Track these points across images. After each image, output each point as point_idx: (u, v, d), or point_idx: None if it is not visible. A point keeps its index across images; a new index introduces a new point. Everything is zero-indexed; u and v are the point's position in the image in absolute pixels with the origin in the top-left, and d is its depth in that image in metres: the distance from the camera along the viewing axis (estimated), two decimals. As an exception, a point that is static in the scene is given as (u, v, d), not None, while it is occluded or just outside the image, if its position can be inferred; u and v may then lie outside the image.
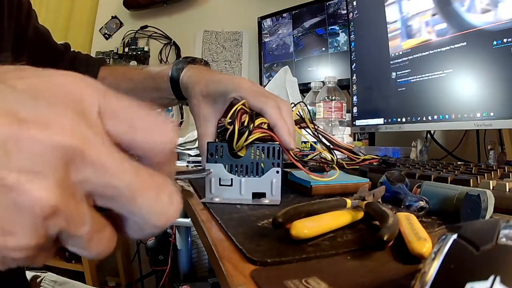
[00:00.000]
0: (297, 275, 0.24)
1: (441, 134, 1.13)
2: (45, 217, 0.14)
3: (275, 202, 0.46)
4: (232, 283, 0.25)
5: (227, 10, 1.98)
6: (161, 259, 1.49)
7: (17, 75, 0.16)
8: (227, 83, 0.52)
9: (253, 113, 0.48)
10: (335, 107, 1.08)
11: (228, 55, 1.98)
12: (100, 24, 1.98)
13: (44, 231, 0.15)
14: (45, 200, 0.14)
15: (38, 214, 0.14)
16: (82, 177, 0.15)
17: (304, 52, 1.63)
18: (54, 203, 0.14)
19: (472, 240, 0.18)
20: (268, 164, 0.47)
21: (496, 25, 0.70)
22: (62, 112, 0.15)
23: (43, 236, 0.15)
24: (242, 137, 0.45)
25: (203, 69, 0.60)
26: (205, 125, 0.53)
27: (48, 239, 0.15)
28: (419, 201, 0.40)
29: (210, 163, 0.47)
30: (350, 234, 0.33)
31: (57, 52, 0.68)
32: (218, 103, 0.53)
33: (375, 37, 1.02)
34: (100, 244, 0.17)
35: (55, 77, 0.16)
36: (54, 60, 0.67)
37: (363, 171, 0.60)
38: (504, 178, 0.49)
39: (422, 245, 0.27)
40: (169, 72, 0.60)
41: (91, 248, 0.16)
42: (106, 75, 0.69)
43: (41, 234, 0.15)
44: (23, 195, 0.14)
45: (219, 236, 0.34)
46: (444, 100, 0.82)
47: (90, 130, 0.15)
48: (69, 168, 0.15)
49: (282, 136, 0.46)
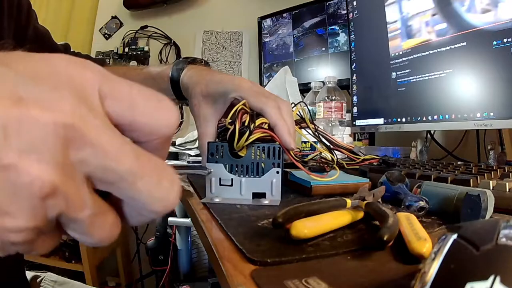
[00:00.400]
0: (297, 275, 0.24)
1: (441, 134, 1.13)
2: (44, 197, 0.14)
3: (275, 203, 0.46)
4: (232, 283, 0.25)
5: (227, 10, 1.98)
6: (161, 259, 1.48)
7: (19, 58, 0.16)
8: (227, 83, 0.52)
9: (254, 113, 0.48)
10: (335, 107, 1.08)
11: (228, 55, 1.98)
12: (100, 24, 1.97)
13: (43, 212, 0.14)
14: (44, 179, 0.14)
15: (37, 193, 0.14)
16: (82, 157, 0.15)
17: (304, 52, 1.63)
18: (53, 182, 0.14)
19: (472, 240, 0.18)
20: (268, 164, 0.47)
21: (496, 25, 0.70)
22: (63, 94, 0.15)
23: (42, 217, 0.15)
24: (243, 137, 0.45)
25: (203, 69, 0.60)
26: (205, 125, 0.53)
27: (48, 221, 0.15)
28: (419, 201, 0.40)
29: (210, 163, 0.47)
30: (350, 234, 0.33)
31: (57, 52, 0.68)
32: (219, 103, 0.53)
33: (375, 37, 1.02)
34: (102, 229, 0.16)
35: (56, 60, 0.16)
36: None
37: (363, 171, 0.60)
38: (504, 178, 0.49)
39: (422, 245, 0.27)
40: (169, 72, 0.60)
41: (93, 233, 0.16)
42: None
43: (40, 215, 0.14)
44: (21, 174, 0.14)
45: (219, 236, 0.34)
46: (444, 100, 0.82)
47: (91, 113, 0.15)
48: (68, 148, 0.15)
49: (282, 136, 0.46)
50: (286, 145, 0.47)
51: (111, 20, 1.96)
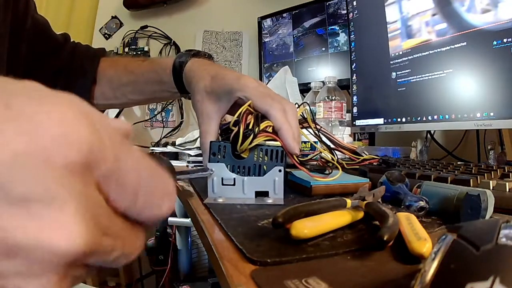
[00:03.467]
0: (297, 275, 0.24)
1: (441, 134, 1.13)
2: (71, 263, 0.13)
3: (279, 201, 0.46)
4: (232, 283, 0.25)
5: (227, 10, 1.98)
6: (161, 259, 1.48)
7: None
8: (233, 82, 0.51)
9: (259, 115, 0.47)
10: (335, 107, 1.08)
11: (228, 55, 1.98)
12: (100, 24, 1.97)
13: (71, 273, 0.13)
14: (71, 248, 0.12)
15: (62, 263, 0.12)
16: None
17: (304, 52, 1.63)
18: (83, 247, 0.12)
19: (472, 240, 0.18)
20: (270, 166, 0.47)
21: (496, 25, 0.70)
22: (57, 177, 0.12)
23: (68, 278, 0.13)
24: (247, 140, 0.45)
25: (207, 63, 0.58)
26: (208, 123, 0.52)
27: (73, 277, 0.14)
28: (419, 201, 0.40)
29: (212, 162, 0.47)
30: (350, 234, 0.33)
31: (56, 43, 0.67)
32: (223, 101, 0.52)
33: (375, 37, 1.02)
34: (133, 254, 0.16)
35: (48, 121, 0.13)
36: (54, 51, 0.65)
37: (363, 171, 0.60)
38: (504, 178, 0.49)
39: (422, 245, 0.27)
40: (171, 64, 0.59)
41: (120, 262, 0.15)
42: (107, 67, 0.67)
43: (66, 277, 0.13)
44: None
45: (219, 236, 0.34)
46: (444, 100, 0.82)
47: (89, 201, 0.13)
48: None
49: (287, 140, 0.46)
50: (290, 149, 0.46)
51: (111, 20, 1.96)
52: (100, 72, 0.67)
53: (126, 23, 1.96)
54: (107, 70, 0.67)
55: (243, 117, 0.46)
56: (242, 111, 0.47)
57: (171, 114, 1.92)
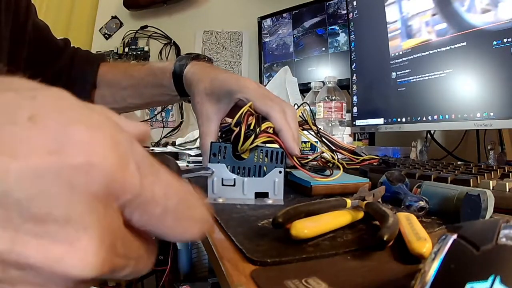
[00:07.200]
0: (297, 275, 0.24)
1: (441, 134, 1.13)
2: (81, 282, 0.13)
3: (279, 202, 0.46)
4: (232, 283, 0.25)
5: (227, 10, 1.98)
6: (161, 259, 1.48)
7: None
8: (232, 83, 0.51)
9: (260, 116, 0.48)
10: (335, 107, 1.08)
11: (228, 55, 1.98)
12: (100, 24, 1.97)
13: None
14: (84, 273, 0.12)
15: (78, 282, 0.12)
16: None
17: (304, 52, 1.63)
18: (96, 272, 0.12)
19: (472, 240, 0.18)
20: (271, 168, 0.47)
21: (496, 25, 0.70)
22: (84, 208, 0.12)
23: None
24: (248, 140, 0.45)
25: (207, 66, 0.59)
26: (207, 124, 0.52)
27: None
28: (419, 201, 0.40)
29: (212, 163, 0.47)
30: (350, 234, 0.33)
31: (57, 48, 0.67)
32: (223, 102, 0.52)
33: (375, 37, 1.02)
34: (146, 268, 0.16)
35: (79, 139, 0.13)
36: (54, 56, 0.66)
37: (363, 171, 0.60)
38: (504, 178, 0.49)
39: (422, 245, 0.27)
40: (171, 68, 0.60)
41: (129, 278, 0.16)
42: (106, 72, 0.68)
43: None
44: None
45: (219, 236, 0.34)
46: (444, 100, 0.82)
47: None
48: None
49: (287, 142, 0.47)
50: (290, 151, 0.47)
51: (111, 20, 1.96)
52: (100, 76, 0.67)
53: (126, 23, 1.96)
54: (106, 74, 0.68)
55: (244, 118, 0.46)
56: (243, 111, 0.47)
57: (171, 114, 1.92)
